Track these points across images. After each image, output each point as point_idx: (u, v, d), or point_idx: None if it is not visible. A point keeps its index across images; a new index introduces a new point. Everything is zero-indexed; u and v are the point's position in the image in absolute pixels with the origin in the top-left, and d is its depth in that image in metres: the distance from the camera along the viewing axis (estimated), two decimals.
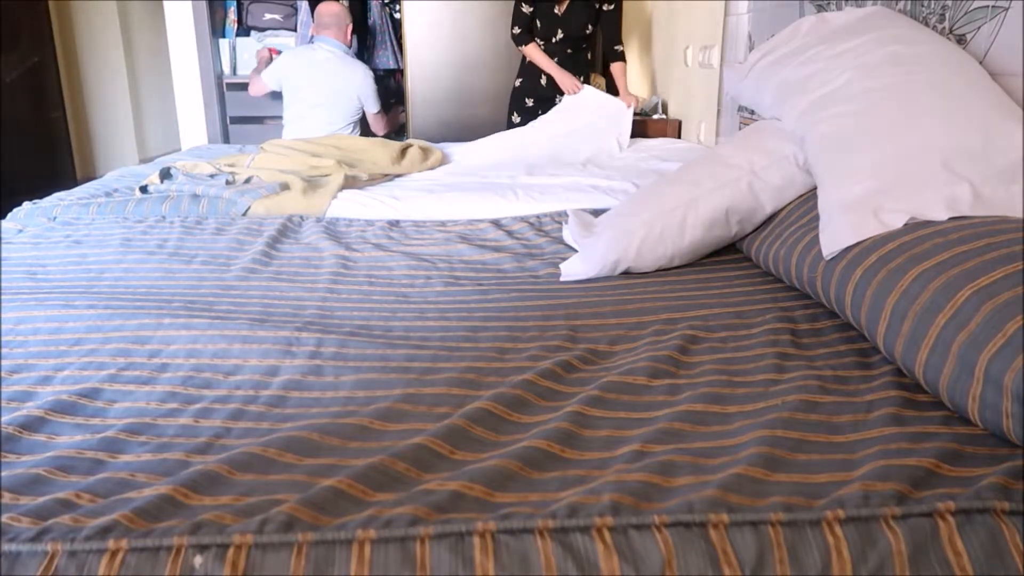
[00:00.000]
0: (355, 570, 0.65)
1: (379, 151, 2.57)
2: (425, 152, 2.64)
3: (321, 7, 3.40)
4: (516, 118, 3.26)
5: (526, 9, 3.03)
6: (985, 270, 0.91)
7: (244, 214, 2.02)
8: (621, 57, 3.15)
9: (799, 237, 1.36)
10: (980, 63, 1.37)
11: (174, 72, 4.07)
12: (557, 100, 3.16)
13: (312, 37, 3.44)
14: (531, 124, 2.98)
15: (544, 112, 3.10)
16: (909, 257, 1.02)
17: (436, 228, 1.90)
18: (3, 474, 0.79)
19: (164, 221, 1.93)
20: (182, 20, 3.97)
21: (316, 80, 3.25)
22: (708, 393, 0.97)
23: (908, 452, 0.80)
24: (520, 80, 3.25)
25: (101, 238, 1.77)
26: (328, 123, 3.20)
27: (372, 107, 3.31)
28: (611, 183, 2.22)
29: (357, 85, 3.25)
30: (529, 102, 3.23)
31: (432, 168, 2.61)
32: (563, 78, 3.04)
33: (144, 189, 2.19)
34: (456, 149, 2.91)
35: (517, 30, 3.07)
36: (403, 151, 2.60)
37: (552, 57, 3.10)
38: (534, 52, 3.09)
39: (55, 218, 1.99)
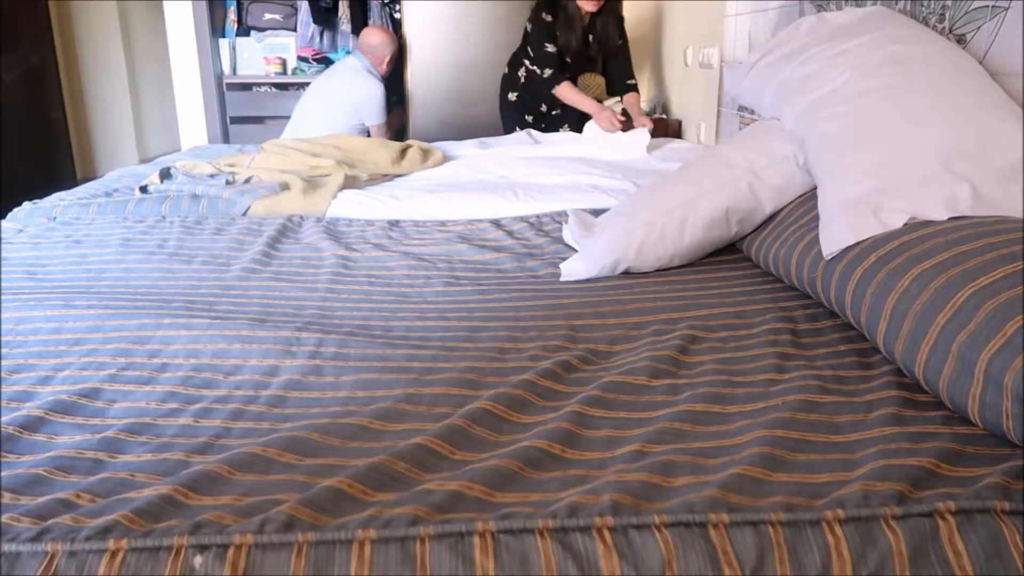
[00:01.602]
0: (355, 570, 0.65)
1: (379, 151, 2.56)
2: (425, 153, 2.63)
3: (364, 32, 3.41)
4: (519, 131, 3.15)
5: (551, 49, 2.86)
6: (985, 270, 0.91)
7: (244, 214, 2.02)
8: (634, 89, 3.07)
9: (799, 237, 1.37)
10: (980, 63, 1.37)
11: (174, 72, 4.07)
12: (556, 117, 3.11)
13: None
14: (547, 140, 2.87)
15: (546, 128, 3.04)
16: (909, 257, 1.02)
17: (436, 228, 1.90)
18: (3, 474, 0.79)
19: (164, 221, 1.93)
20: (182, 20, 3.97)
21: (326, 86, 3.27)
22: (708, 393, 0.97)
23: (908, 452, 0.80)
24: (516, 95, 3.13)
25: (101, 238, 1.77)
26: (328, 128, 3.19)
27: (372, 120, 3.28)
28: (611, 183, 2.22)
29: (362, 98, 3.22)
30: (528, 118, 3.14)
31: (433, 168, 2.60)
32: (602, 116, 2.81)
33: (144, 189, 2.19)
34: (459, 150, 2.87)
35: (548, 72, 2.85)
36: (403, 152, 2.60)
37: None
38: (569, 92, 2.87)
39: (55, 218, 1.99)
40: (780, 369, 1.04)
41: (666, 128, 3.29)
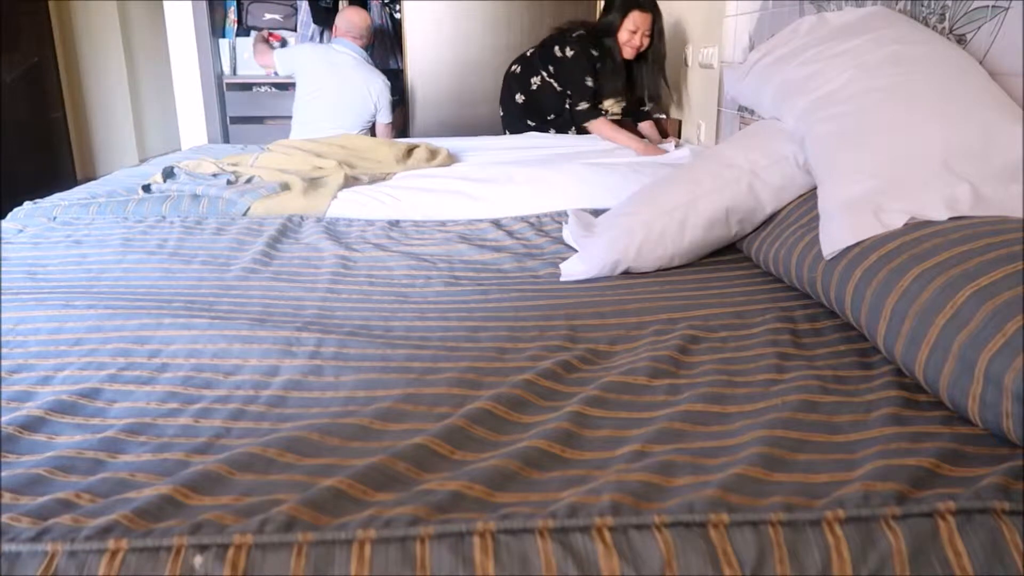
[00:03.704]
0: (355, 570, 0.65)
1: (384, 149, 2.56)
2: (432, 153, 2.63)
3: (349, 13, 3.40)
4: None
5: (591, 84, 2.87)
6: (985, 270, 0.91)
7: (244, 214, 2.02)
8: (649, 116, 3.12)
9: (799, 237, 1.37)
10: (980, 63, 1.37)
11: (174, 72, 4.07)
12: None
13: (331, 39, 3.45)
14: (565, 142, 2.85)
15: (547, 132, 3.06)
16: (909, 257, 1.02)
17: (436, 228, 1.90)
18: (3, 474, 0.79)
19: (164, 221, 1.93)
20: (182, 20, 3.97)
21: (335, 82, 3.24)
22: (708, 393, 0.97)
23: (908, 452, 0.80)
24: (523, 98, 3.09)
25: (101, 238, 1.77)
26: (340, 126, 3.19)
27: (385, 117, 3.31)
28: (611, 182, 2.21)
29: (376, 93, 3.24)
30: (532, 123, 3.11)
31: (440, 166, 2.58)
32: (645, 149, 2.73)
33: (147, 188, 2.19)
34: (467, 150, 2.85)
35: (584, 105, 2.85)
36: (409, 151, 2.60)
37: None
38: (605, 128, 2.85)
39: (55, 218, 1.99)
40: (780, 369, 1.04)
41: (666, 128, 3.29)
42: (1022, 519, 0.69)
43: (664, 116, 3.40)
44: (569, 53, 2.90)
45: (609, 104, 3.38)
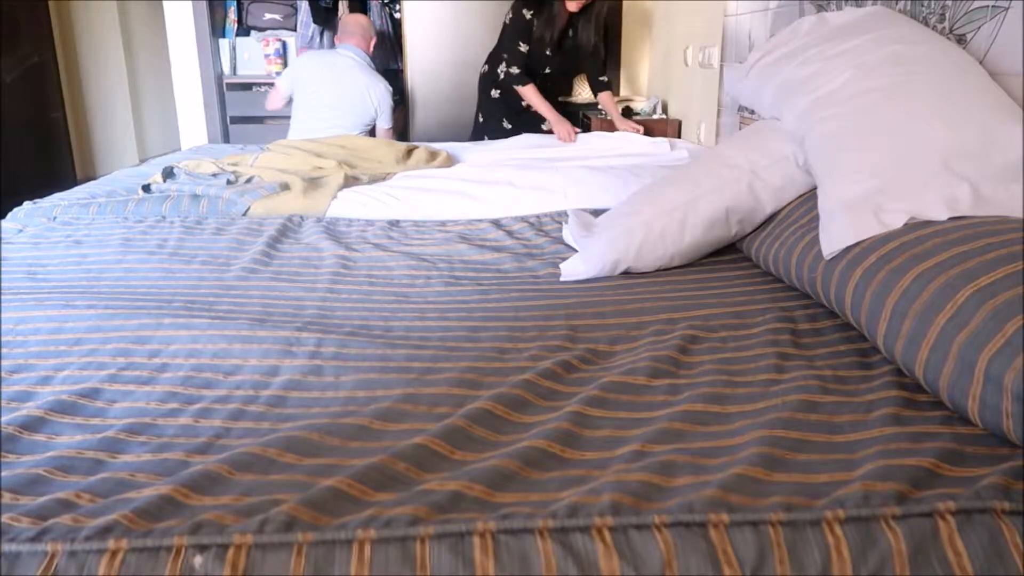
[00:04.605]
0: (355, 570, 0.65)
1: (384, 150, 2.56)
2: (432, 155, 2.63)
3: (348, 17, 3.43)
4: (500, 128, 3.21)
5: (523, 48, 2.94)
6: (985, 270, 0.91)
7: (244, 214, 2.02)
8: (608, 87, 3.18)
9: (799, 237, 1.37)
10: (980, 63, 1.37)
11: (174, 72, 4.07)
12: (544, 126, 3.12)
13: (334, 44, 3.47)
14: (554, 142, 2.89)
15: (524, 126, 3.10)
16: (909, 257, 1.02)
17: (436, 228, 1.90)
18: (3, 474, 0.79)
19: (164, 221, 1.93)
20: (182, 20, 3.97)
21: (336, 84, 3.25)
22: (708, 393, 0.97)
23: (908, 452, 0.80)
24: (498, 92, 3.16)
25: (101, 238, 1.77)
26: (339, 127, 3.19)
27: (385, 123, 3.31)
28: (610, 184, 2.21)
29: (377, 98, 3.25)
30: (508, 125, 3.17)
31: (440, 167, 2.59)
32: (561, 127, 2.90)
33: (147, 188, 2.19)
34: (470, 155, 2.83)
35: (516, 70, 2.96)
36: (408, 152, 2.59)
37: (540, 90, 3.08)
38: (533, 95, 3.00)
39: (55, 218, 1.99)
40: (780, 369, 1.04)
41: (665, 128, 3.29)
42: (1022, 519, 0.69)
43: (664, 116, 3.40)
44: (508, 19, 2.98)
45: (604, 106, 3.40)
